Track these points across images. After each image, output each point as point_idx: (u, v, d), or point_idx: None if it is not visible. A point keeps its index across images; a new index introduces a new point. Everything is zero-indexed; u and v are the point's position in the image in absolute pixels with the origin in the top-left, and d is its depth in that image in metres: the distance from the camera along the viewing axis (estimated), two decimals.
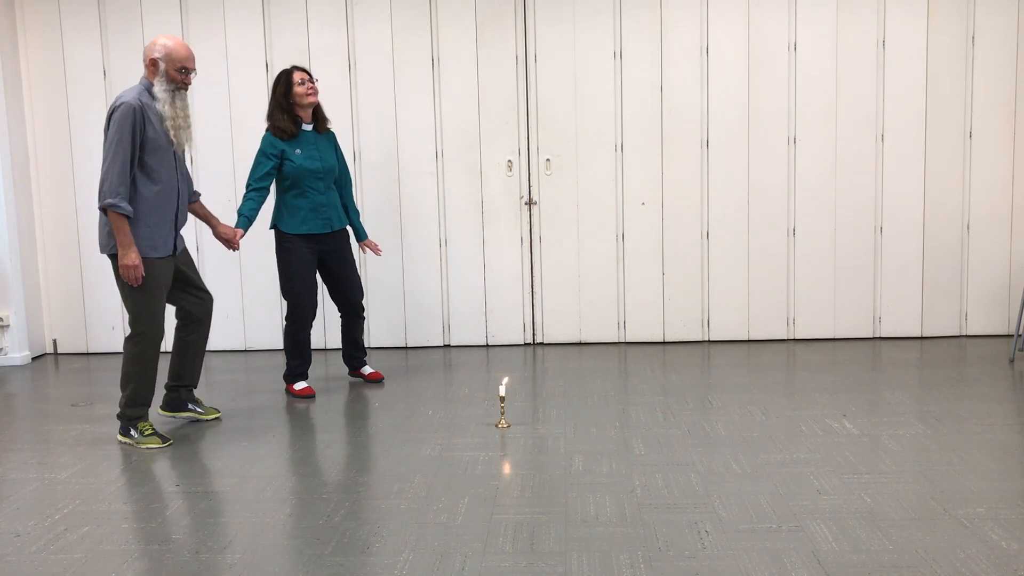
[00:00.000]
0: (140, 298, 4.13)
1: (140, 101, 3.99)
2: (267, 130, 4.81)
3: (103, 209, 3.97)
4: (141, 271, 4.02)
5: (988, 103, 5.91)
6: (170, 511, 3.38)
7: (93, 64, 6.12)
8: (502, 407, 4.38)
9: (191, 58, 4.13)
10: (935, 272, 6.06)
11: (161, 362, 5.23)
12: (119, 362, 6.02)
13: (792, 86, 5.94)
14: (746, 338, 6.14)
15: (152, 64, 4.07)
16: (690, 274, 6.10)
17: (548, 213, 6.08)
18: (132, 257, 3.98)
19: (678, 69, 5.95)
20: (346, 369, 5.45)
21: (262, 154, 4.77)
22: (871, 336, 6.12)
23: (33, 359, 6.17)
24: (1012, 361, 5.38)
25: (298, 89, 4.76)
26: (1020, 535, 2.97)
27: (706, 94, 5.95)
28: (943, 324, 6.10)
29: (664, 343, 6.11)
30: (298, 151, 4.79)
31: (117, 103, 3.96)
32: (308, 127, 4.88)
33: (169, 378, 4.58)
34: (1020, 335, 5.43)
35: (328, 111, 6.07)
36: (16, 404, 5.05)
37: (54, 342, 6.38)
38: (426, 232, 6.12)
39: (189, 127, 4.15)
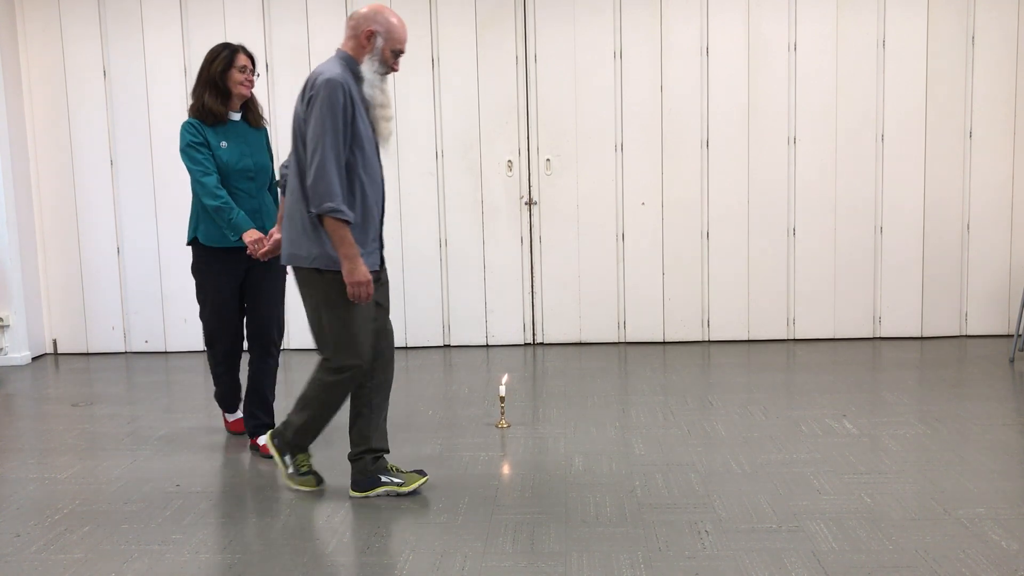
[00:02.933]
0: (348, 322, 3.28)
1: (346, 79, 3.21)
2: (189, 114, 3.93)
3: (320, 216, 3.18)
4: (371, 288, 3.24)
5: (988, 103, 5.91)
6: (170, 511, 3.38)
7: (93, 64, 6.12)
8: (502, 407, 4.38)
9: (406, 42, 3.44)
10: (935, 272, 6.06)
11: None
12: (119, 362, 6.05)
13: (792, 86, 5.94)
14: (746, 338, 6.14)
15: (368, 37, 3.26)
16: (690, 274, 6.10)
17: (548, 213, 6.08)
18: (363, 271, 3.19)
19: (678, 69, 5.95)
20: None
21: (190, 146, 3.83)
22: (871, 336, 6.12)
23: (33, 359, 6.17)
24: (1012, 361, 5.38)
25: (236, 75, 3.88)
26: (1020, 535, 2.97)
27: (706, 94, 5.95)
28: (943, 324, 6.10)
29: (664, 343, 6.11)
30: (224, 143, 3.90)
31: (319, 77, 3.17)
32: (236, 116, 3.99)
33: (352, 444, 3.50)
34: (1020, 335, 5.43)
35: None
36: (16, 404, 5.05)
37: (54, 342, 6.38)
38: (426, 232, 6.12)
39: (391, 119, 3.42)
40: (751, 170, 6.00)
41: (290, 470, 3.54)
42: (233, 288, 4.00)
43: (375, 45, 3.26)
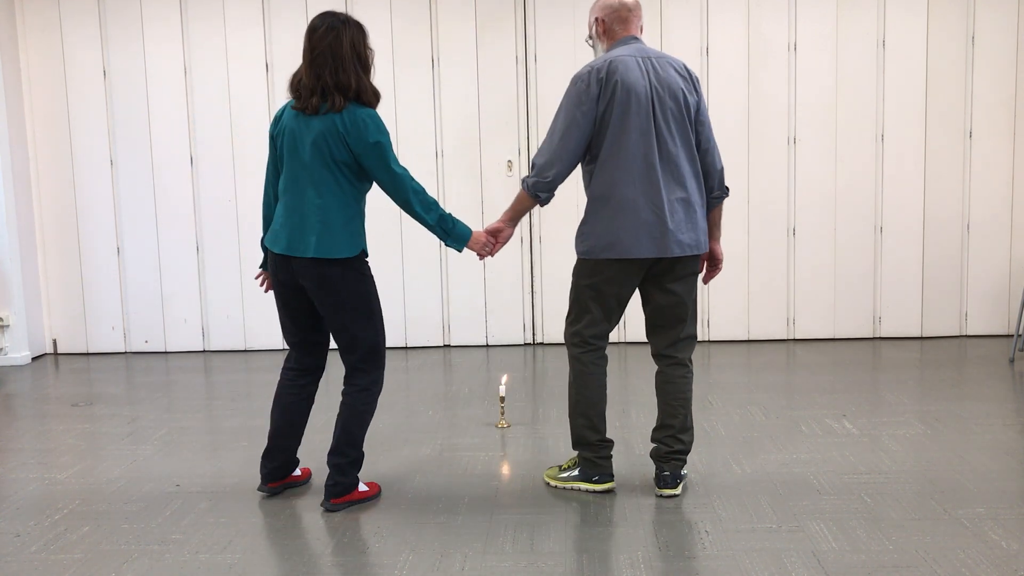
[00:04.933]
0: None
1: None
2: (364, 104, 3.19)
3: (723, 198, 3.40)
4: None
5: (988, 103, 5.91)
6: (170, 511, 3.38)
7: (93, 64, 6.12)
8: (502, 407, 4.38)
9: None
10: (935, 272, 6.06)
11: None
12: (119, 362, 6.05)
13: (792, 86, 5.94)
14: (746, 338, 6.14)
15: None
16: None
17: (548, 213, 6.07)
18: None
19: None
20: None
21: (389, 140, 3.21)
22: (871, 336, 6.12)
23: (33, 359, 6.17)
24: (1012, 361, 5.38)
25: (371, 56, 3.29)
26: (1020, 535, 2.97)
27: (707, 94, 5.95)
28: (943, 324, 6.10)
29: None
30: None
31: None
32: None
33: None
34: (1020, 335, 5.43)
35: None
36: (16, 404, 5.05)
37: (54, 342, 6.38)
38: (426, 232, 6.12)
39: None
40: (752, 170, 6.00)
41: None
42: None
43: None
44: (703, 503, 3.31)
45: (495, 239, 3.42)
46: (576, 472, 3.45)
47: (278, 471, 3.50)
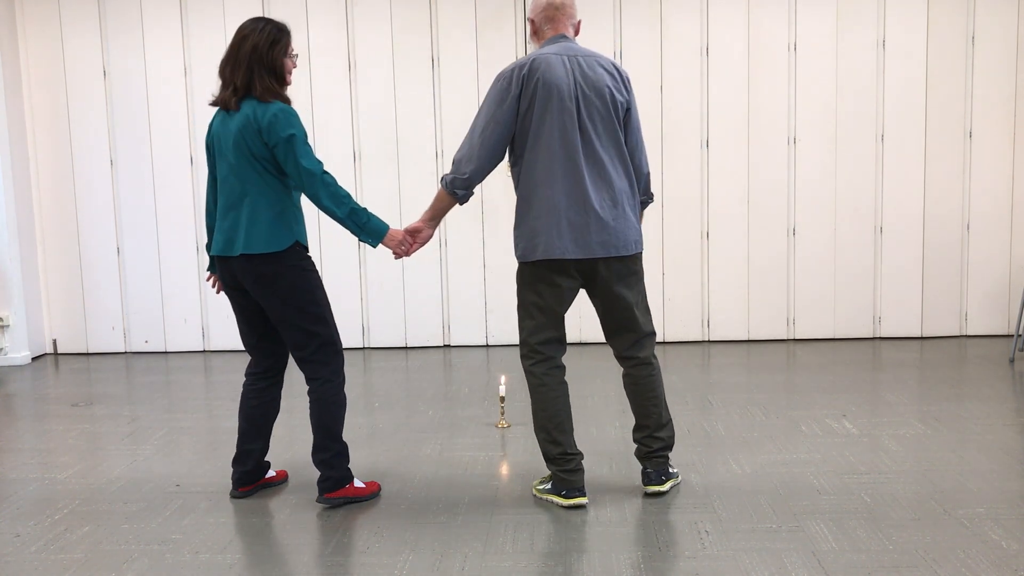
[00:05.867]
0: None
1: None
2: (276, 100, 3.22)
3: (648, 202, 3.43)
4: None
5: (988, 103, 5.91)
6: (170, 511, 3.38)
7: (93, 64, 6.12)
8: (502, 407, 4.38)
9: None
10: (935, 272, 6.06)
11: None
12: (119, 362, 6.05)
13: (792, 86, 5.94)
14: (746, 338, 6.14)
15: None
16: (690, 274, 6.10)
17: None
18: None
19: (678, 69, 5.95)
20: None
21: (304, 133, 3.23)
22: (871, 336, 6.12)
23: (33, 359, 6.17)
24: (1012, 361, 5.38)
25: (289, 63, 3.31)
26: (1020, 535, 2.97)
27: (706, 94, 5.95)
28: (943, 324, 6.10)
29: (664, 343, 6.11)
30: None
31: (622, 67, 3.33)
32: None
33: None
34: (1020, 335, 5.43)
35: (328, 111, 6.09)
36: (16, 404, 5.05)
37: (54, 342, 6.38)
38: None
39: None
40: (751, 170, 6.00)
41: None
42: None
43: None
44: (703, 503, 3.31)
45: (412, 239, 3.38)
46: (549, 485, 3.39)
47: (248, 475, 3.52)
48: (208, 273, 3.53)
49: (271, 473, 3.63)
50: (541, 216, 3.18)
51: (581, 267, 3.24)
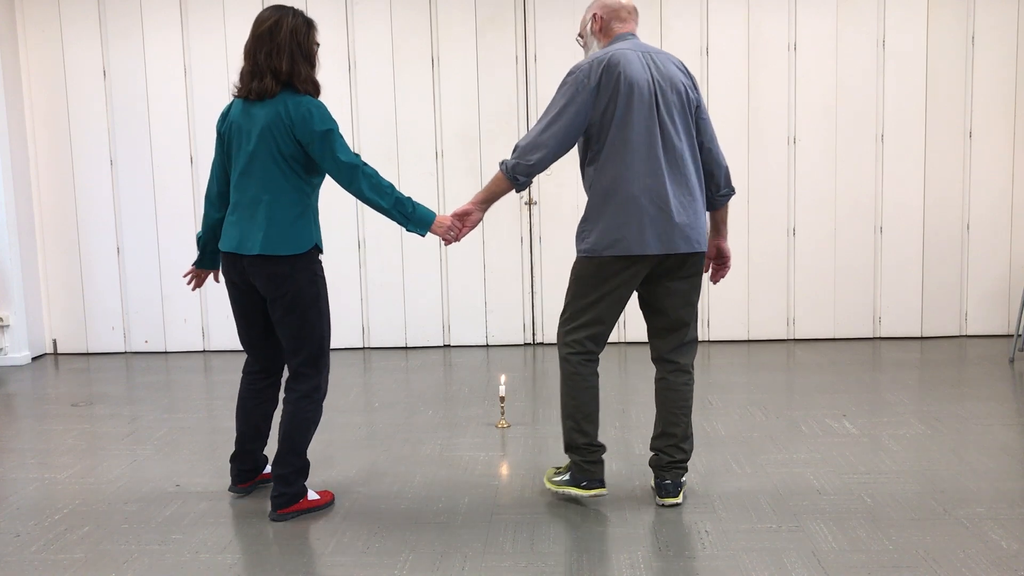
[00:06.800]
0: None
1: None
2: (299, 92, 3.15)
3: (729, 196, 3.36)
4: None
5: (988, 103, 5.91)
6: (170, 511, 3.38)
7: (93, 64, 6.12)
8: (502, 407, 4.38)
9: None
10: (935, 272, 6.06)
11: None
12: (119, 362, 6.05)
13: (792, 86, 5.94)
14: (746, 338, 6.14)
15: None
16: None
17: (548, 213, 6.08)
18: None
19: None
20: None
21: (338, 128, 3.17)
22: (871, 336, 6.12)
23: (33, 359, 6.17)
24: (1012, 361, 5.38)
25: (316, 50, 3.25)
26: (1020, 535, 2.97)
27: (706, 94, 5.95)
28: (943, 324, 6.10)
29: None
30: None
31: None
32: None
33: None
34: (1020, 335, 5.43)
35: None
36: (16, 404, 5.05)
37: (54, 342, 6.38)
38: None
39: None
40: (751, 170, 6.00)
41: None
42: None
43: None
44: (703, 503, 3.31)
45: (461, 223, 3.29)
46: (567, 476, 3.34)
47: (246, 473, 3.52)
48: (191, 268, 3.46)
49: (269, 469, 3.60)
50: (622, 211, 3.12)
51: (657, 264, 3.19)
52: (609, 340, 6.14)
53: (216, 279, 3.51)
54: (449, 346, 6.24)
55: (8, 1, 6.06)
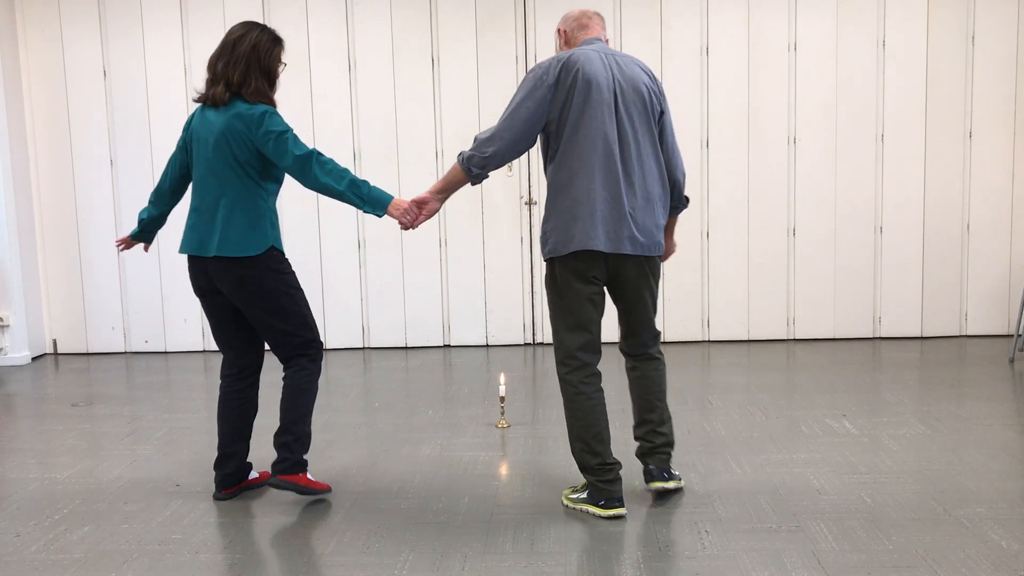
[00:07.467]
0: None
1: None
2: (264, 102, 3.27)
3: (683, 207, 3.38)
4: None
5: (988, 103, 5.91)
6: (170, 511, 3.38)
7: (93, 64, 6.12)
8: (502, 407, 4.38)
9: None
10: (935, 272, 6.06)
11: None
12: (119, 362, 6.05)
13: (792, 86, 5.94)
14: (746, 338, 6.14)
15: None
16: (690, 274, 6.10)
17: None
18: None
19: (678, 69, 5.95)
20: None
21: (292, 131, 3.25)
22: (871, 336, 6.12)
23: (33, 359, 6.17)
24: (1012, 361, 5.38)
25: (279, 70, 3.39)
26: (1020, 535, 2.97)
27: (706, 94, 5.95)
28: (943, 324, 6.10)
29: (664, 343, 6.11)
30: None
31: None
32: None
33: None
34: (1020, 335, 5.43)
35: (328, 111, 6.09)
36: (16, 404, 5.05)
37: (54, 342, 6.38)
38: (426, 232, 6.12)
39: None
40: (751, 170, 6.00)
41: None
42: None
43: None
44: (703, 503, 3.31)
45: (419, 210, 3.29)
46: (585, 495, 3.29)
47: (231, 478, 3.51)
48: (125, 236, 3.69)
49: (254, 475, 3.62)
50: (576, 207, 3.11)
51: (609, 263, 3.18)
52: (608, 340, 6.15)
53: (146, 250, 3.81)
54: (449, 346, 6.24)
55: (8, 1, 6.06)
